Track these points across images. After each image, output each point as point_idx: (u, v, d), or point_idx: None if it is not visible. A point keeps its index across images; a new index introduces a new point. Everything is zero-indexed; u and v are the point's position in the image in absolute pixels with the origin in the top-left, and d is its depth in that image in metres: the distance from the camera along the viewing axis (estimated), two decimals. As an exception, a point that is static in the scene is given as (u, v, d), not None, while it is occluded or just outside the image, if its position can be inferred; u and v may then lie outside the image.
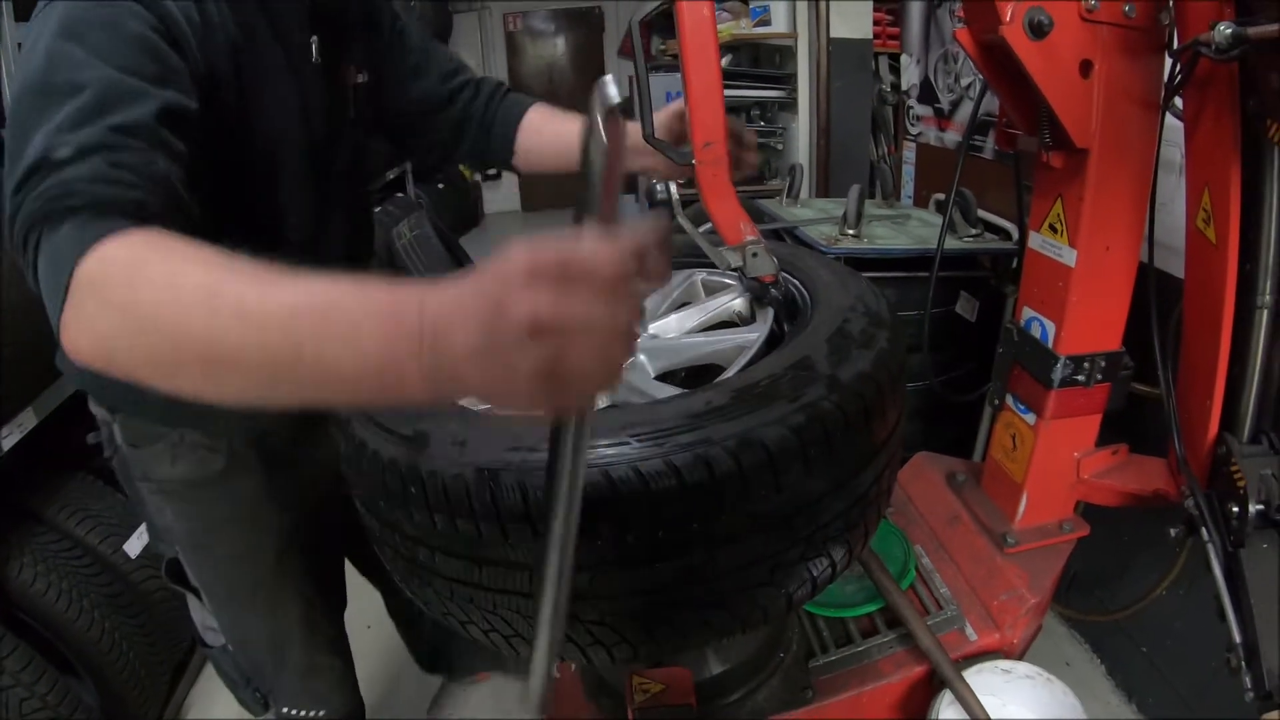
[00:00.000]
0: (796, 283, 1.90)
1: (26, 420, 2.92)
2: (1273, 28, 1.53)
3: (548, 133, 2.26)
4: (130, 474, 2.11)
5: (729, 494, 1.29)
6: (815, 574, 1.49)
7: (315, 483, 2.22)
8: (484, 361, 0.85)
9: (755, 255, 1.81)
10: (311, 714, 2.43)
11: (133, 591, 3.22)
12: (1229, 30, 1.61)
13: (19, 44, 2.94)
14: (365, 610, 2.83)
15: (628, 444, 1.28)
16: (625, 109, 0.90)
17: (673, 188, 1.86)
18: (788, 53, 5.98)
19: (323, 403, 0.98)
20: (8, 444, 2.78)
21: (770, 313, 1.87)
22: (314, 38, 1.83)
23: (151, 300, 1.00)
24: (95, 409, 2.11)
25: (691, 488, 1.26)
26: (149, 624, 3.25)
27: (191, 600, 2.34)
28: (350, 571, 2.55)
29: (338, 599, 2.49)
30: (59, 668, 2.81)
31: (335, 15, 1.88)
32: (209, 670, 3.71)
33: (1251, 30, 1.58)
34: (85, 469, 3.41)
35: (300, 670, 2.36)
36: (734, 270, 1.87)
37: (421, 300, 0.89)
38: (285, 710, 2.42)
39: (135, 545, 3.26)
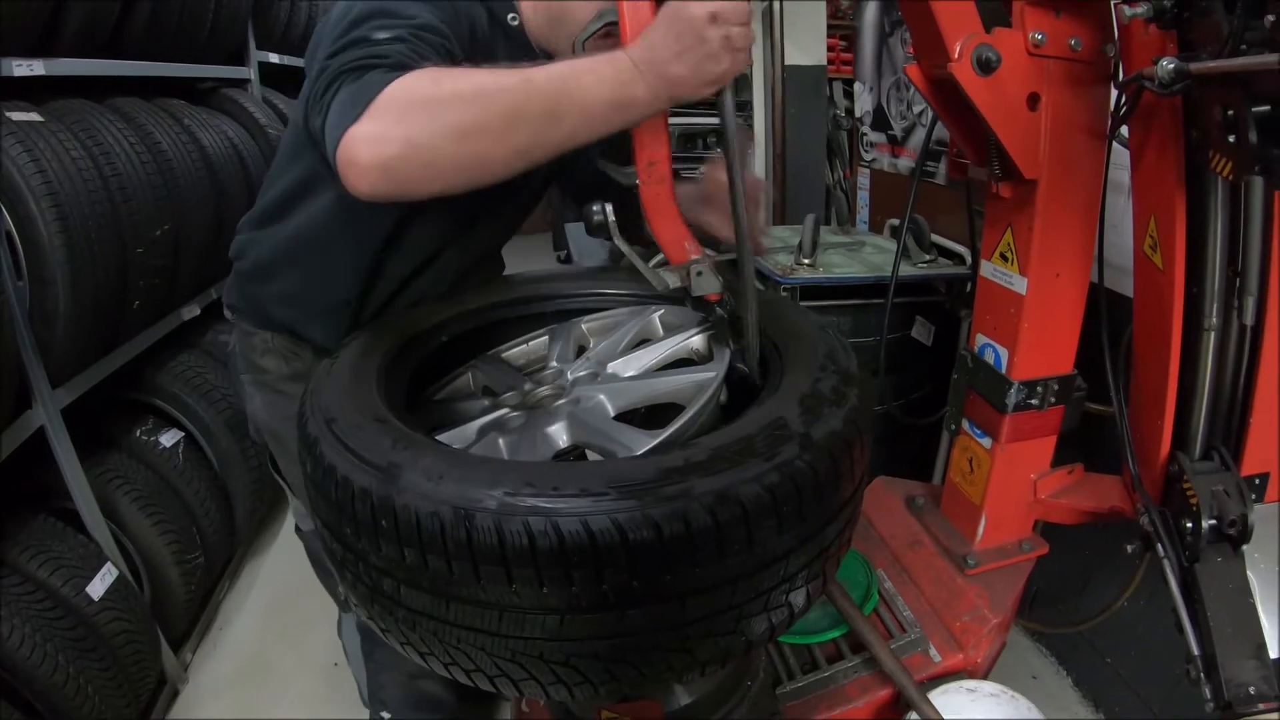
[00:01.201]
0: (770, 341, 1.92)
1: None
2: (1213, 64, 1.57)
3: None
4: (237, 367, 2.45)
5: (704, 549, 1.31)
6: (774, 621, 1.51)
7: None
8: (687, 55, 1.49)
9: (700, 274, 1.82)
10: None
11: (96, 634, 3.14)
12: (1171, 65, 1.64)
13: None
14: (334, 645, 2.85)
15: (608, 495, 1.29)
16: None
17: (609, 209, 1.87)
18: (743, 79, 5.98)
19: (581, 133, 1.55)
20: None
21: (727, 352, 1.89)
22: None
23: (453, 87, 1.50)
24: (227, 312, 2.45)
25: (669, 541, 1.28)
26: (113, 666, 3.17)
27: (287, 491, 2.51)
28: (314, 603, 2.60)
29: None
30: (23, 712, 2.79)
31: None
32: (177, 711, 3.72)
33: (1194, 66, 1.61)
34: (46, 511, 3.33)
35: None
36: (675, 288, 1.87)
37: (625, 51, 1.54)
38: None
39: (98, 587, 3.19)
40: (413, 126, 1.48)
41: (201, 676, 3.89)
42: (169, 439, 4.06)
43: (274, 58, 6.13)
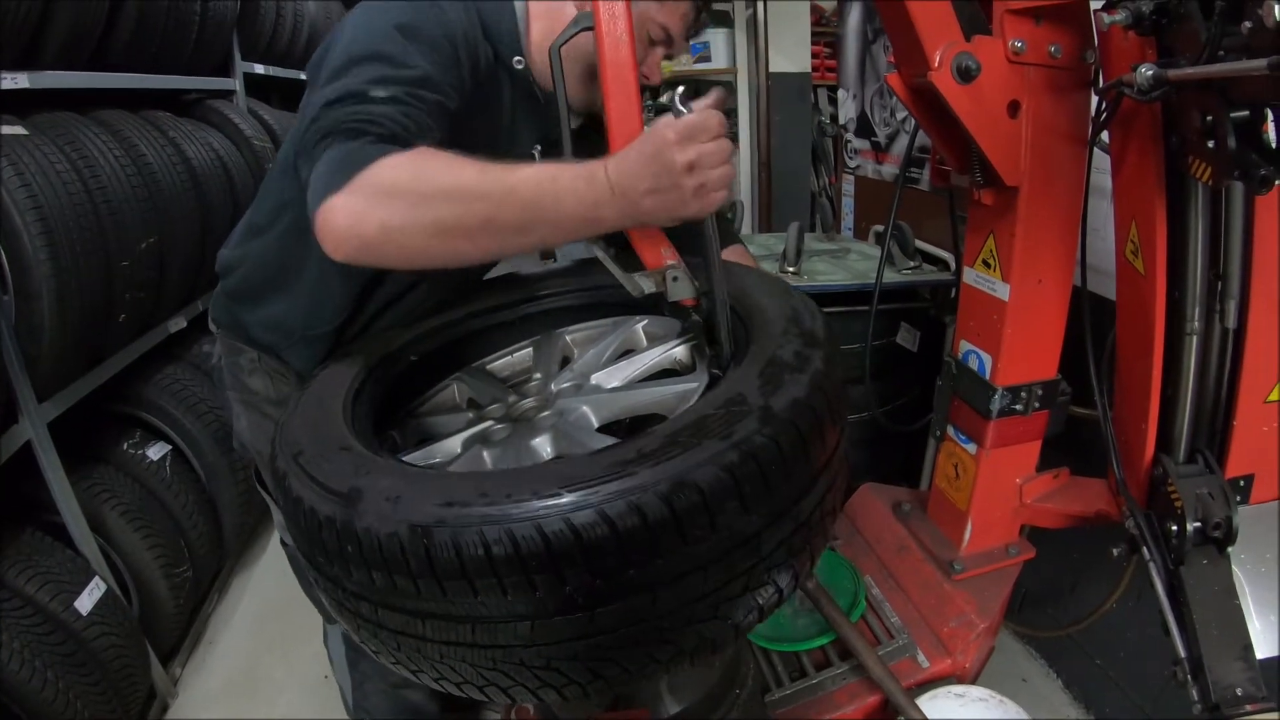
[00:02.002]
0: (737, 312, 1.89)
1: None
2: (1191, 70, 1.58)
3: None
4: (223, 381, 2.45)
5: (664, 538, 1.30)
6: (761, 602, 1.49)
7: None
8: (660, 193, 1.53)
9: (675, 279, 1.81)
10: None
11: (85, 649, 3.12)
12: (1150, 72, 1.65)
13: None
14: (323, 658, 2.85)
15: (560, 496, 1.28)
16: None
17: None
18: (728, 87, 6.01)
19: (550, 240, 1.64)
20: None
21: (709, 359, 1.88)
22: (538, 148, 2.22)
23: (436, 183, 1.54)
24: (211, 325, 2.47)
25: (625, 535, 1.27)
26: (103, 681, 3.15)
27: (272, 506, 2.44)
28: (302, 615, 2.62)
29: None
30: None
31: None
32: (164, 726, 3.72)
33: (1172, 73, 1.62)
34: (33, 525, 3.32)
35: None
36: (650, 293, 1.85)
37: (603, 166, 1.55)
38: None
39: (86, 602, 3.18)
40: (392, 213, 1.52)
41: (191, 690, 3.88)
42: (156, 452, 4.05)
43: (259, 69, 6.14)
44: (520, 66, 2.05)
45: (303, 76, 8.00)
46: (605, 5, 1.64)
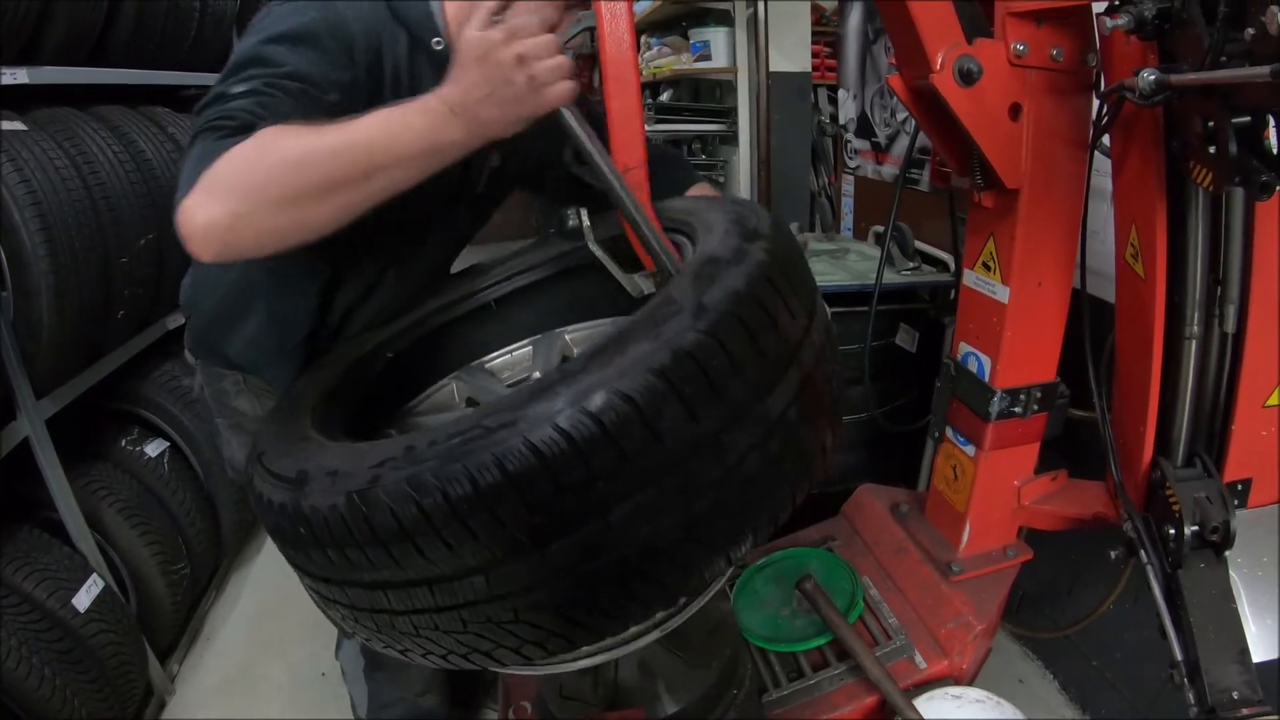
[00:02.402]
0: (684, 239, 1.82)
1: None
2: (1193, 76, 1.58)
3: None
4: (211, 412, 2.45)
5: (600, 457, 1.23)
6: (752, 516, 1.43)
7: None
8: (495, 96, 1.56)
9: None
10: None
11: (83, 647, 3.12)
12: (1152, 77, 1.65)
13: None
14: (320, 656, 2.85)
15: (479, 432, 1.24)
16: None
17: (583, 214, 1.86)
18: (728, 86, 5.98)
19: (401, 181, 1.59)
20: None
21: None
22: None
23: (275, 156, 1.52)
24: (188, 355, 2.47)
25: (555, 461, 1.21)
26: (100, 678, 3.16)
27: None
28: (300, 613, 2.63)
29: None
30: None
31: None
32: (164, 721, 3.73)
33: (1174, 78, 1.62)
34: (31, 522, 3.33)
35: None
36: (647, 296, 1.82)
37: (438, 92, 1.58)
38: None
39: (84, 599, 3.19)
40: (237, 200, 1.51)
41: (188, 687, 3.88)
42: (154, 449, 4.05)
43: (257, 66, 6.13)
44: (440, 47, 2.01)
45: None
46: (607, 5, 1.64)
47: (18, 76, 3.18)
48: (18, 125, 3.15)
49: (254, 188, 1.51)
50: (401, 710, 2.63)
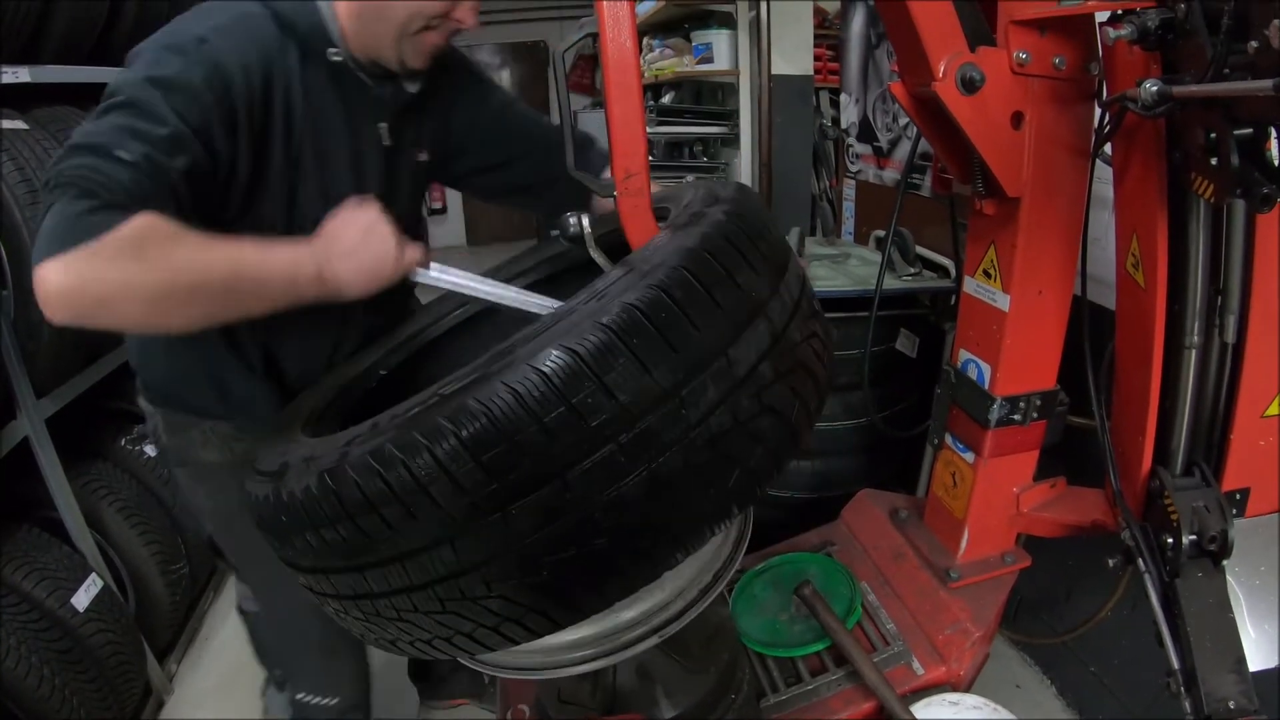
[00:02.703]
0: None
1: None
2: (1196, 88, 1.58)
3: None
4: (169, 461, 2.43)
5: (551, 415, 1.23)
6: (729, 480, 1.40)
7: None
8: (362, 267, 1.76)
9: None
10: (324, 700, 2.53)
11: (81, 646, 3.13)
12: (1155, 88, 1.65)
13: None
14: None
15: (435, 400, 1.27)
16: None
17: (585, 221, 1.86)
18: (730, 89, 6.00)
19: (257, 309, 1.70)
20: None
21: None
22: (383, 125, 2.14)
23: (153, 258, 1.54)
24: (144, 404, 2.39)
25: (507, 421, 1.22)
26: (99, 678, 3.16)
27: (230, 572, 2.45)
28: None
29: None
30: None
31: (413, 105, 2.18)
32: (162, 721, 3.74)
33: (1177, 89, 1.62)
34: (30, 521, 3.33)
35: (322, 650, 2.47)
36: None
37: (308, 245, 1.74)
38: (300, 696, 2.53)
39: (83, 598, 3.20)
40: (104, 287, 1.52)
41: (186, 687, 3.90)
42: (153, 448, 4.03)
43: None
44: (338, 58, 1.99)
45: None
46: (609, 8, 1.62)
47: (19, 75, 3.19)
48: (19, 124, 3.17)
49: (124, 282, 1.53)
50: None
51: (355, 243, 1.79)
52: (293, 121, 1.94)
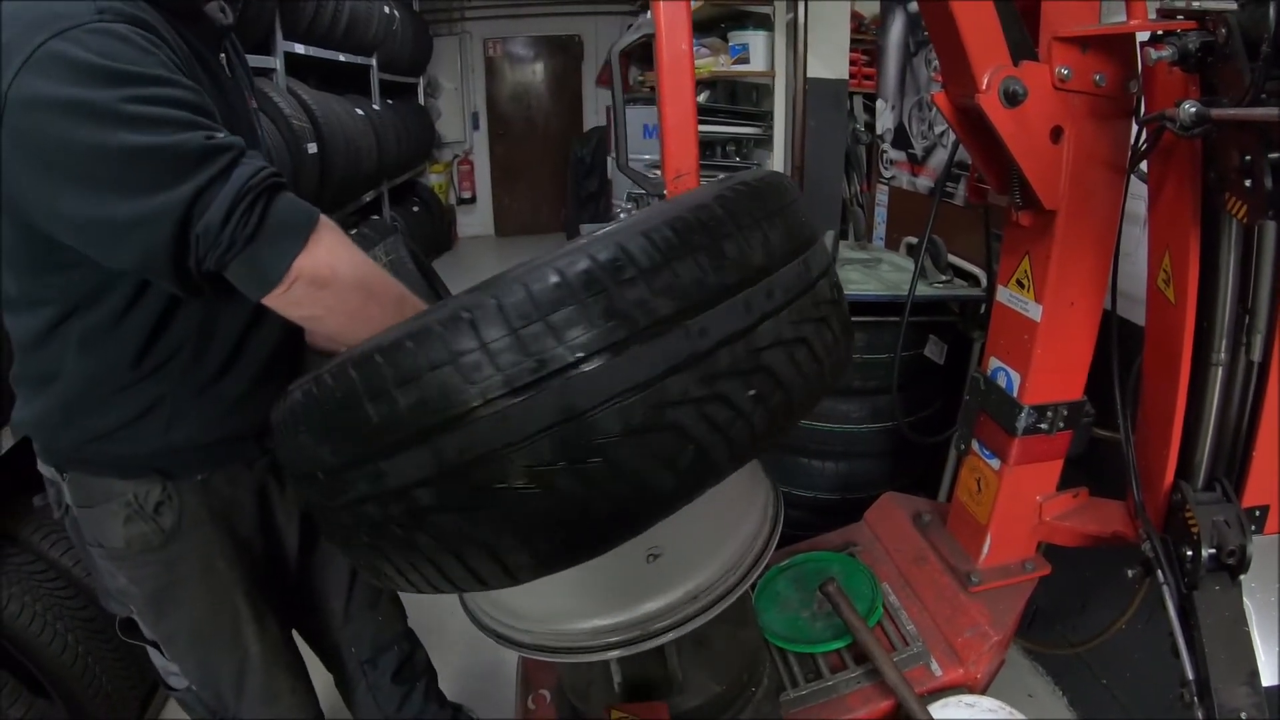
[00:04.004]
0: None
1: (4, 440, 2.88)
2: (1233, 111, 1.61)
3: None
4: (82, 538, 2.10)
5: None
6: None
7: (259, 523, 2.28)
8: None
9: None
10: None
11: (106, 615, 2.99)
12: (1193, 109, 1.67)
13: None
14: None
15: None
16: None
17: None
18: (765, 90, 6.00)
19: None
20: None
21: None
22: (222, 56, 2.06)
23: (351, 276, 1.63)
24: (43, 468, 2.09)
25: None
26: (120, 648, 3.16)
27: (152, 651, 2.34)
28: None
29: (288, 625, 2.48)
30: (30, 690, 2.77)
31: (229, 46, 2.13)
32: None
33: (1215, 112, 1.65)
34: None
35: (261, 697, 2.35)
36: None
37: None
38: None
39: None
40: (326, 305, 1.63)
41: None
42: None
43: (299, 48, 6.17)
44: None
45: (342, 58, 7.96)
46: (667, 11, 1.65)
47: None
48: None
49: (337, 300, 1.63)
50: None
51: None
52: (177, 58, 1.72)
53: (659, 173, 1.74)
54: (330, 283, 1.59)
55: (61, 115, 1.48)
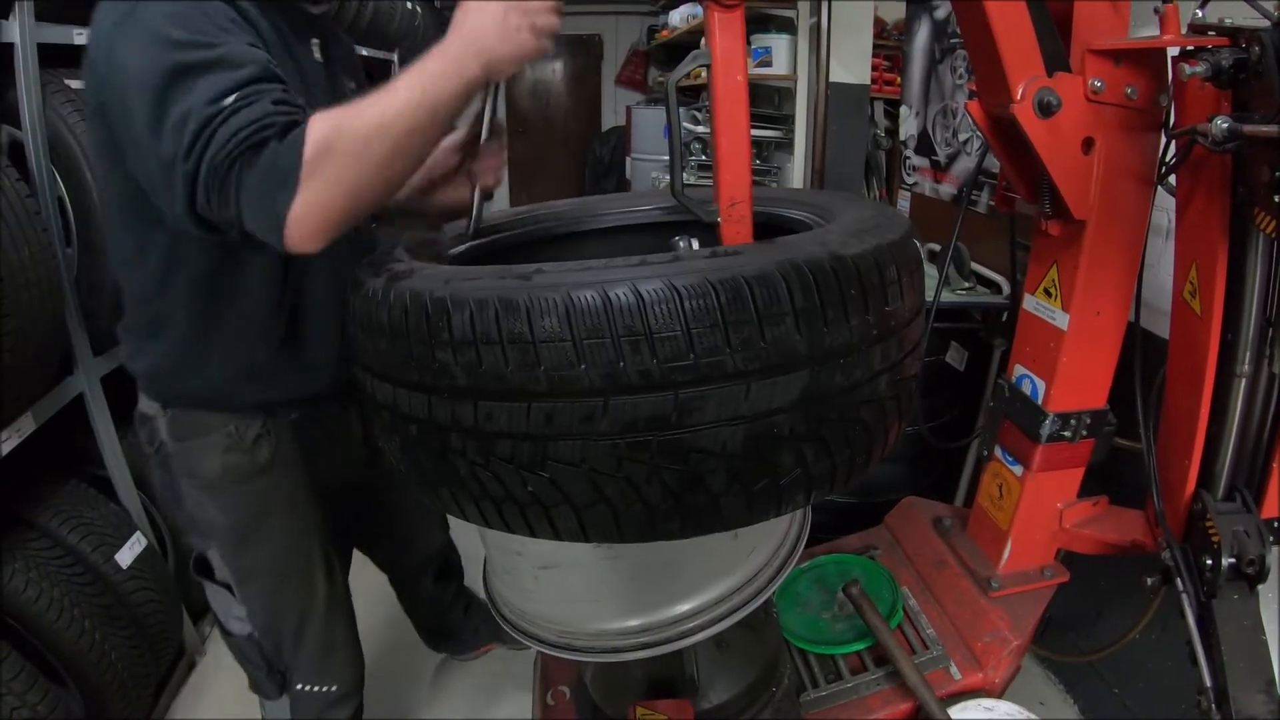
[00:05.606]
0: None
1: (25, 425, 2.90)
2: (1266, 128, 1.63)
3: None
4: (172, 470, 2.24)
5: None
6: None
7: (341, 470, 2.47)
8: (505, 38, 1.68)
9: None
10: (324, 689, 2.55)
11: (122, 603, 3.19)
12: (1226, 125, 1.69)
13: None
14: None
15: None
16: None
17: (694, 244, 1.90)
18: (786, 94, 6.01)
19: (449, 124, 1.75)
20: (6, 448, 2.76)
21: None
22: (314, 41, 2.17)
23: (354, 130, 1.58)
24: (144, 405, 2.24)
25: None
26: (136, 635, 3.22)
27: (216, 593, 2.41)
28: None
29: (346, 580, 2.68)
30: (46, 675, 2.77)
31: (327, 26, 2.26)
32: (192, 683, 3.78)
33: (1247, 128, 1.67)
34: (79, 476, 3.38)
35: (319, 646, 2.49)
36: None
37: (451, 41, 1.68)
38: (300, 687, 2.53)
39: (127, 555, 3.26)
40: (346, 183, 1.59)
41: (218, 649, 3.90)
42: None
43: (322, 43, 6.17)
44: None
45: (365, 53, 7.96)
46: (722, 43, 1.66)
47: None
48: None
49: (356, 162, 1.59)
50: None
51: (494, 22, 1.71)
52: (261, 37, 1.91)
53: (714, 208, 1.74)
54: (334, 211, 1.60)
55: (140, 49, 1.67)
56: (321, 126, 1.57)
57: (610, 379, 1.27)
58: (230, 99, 1.59)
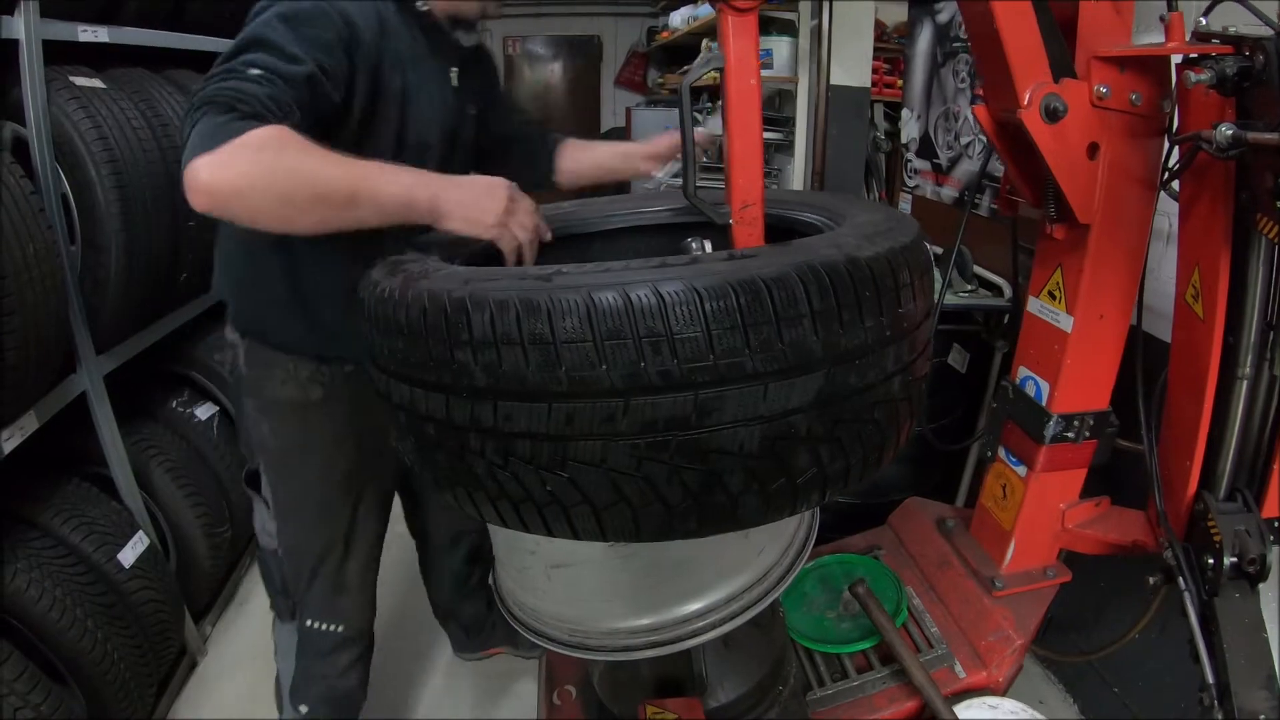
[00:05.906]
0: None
1: (28, 423, 2.89)
2: (1269, 135, 1.65)
3: (580, 156, 3.03)
4: (241, 391, 2.57)
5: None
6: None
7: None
8: (472, 208, 1.87)
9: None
10: (331, 627, 2.67)
11: (124, 602, 3.18)
12: (1230, 131, 1.71)
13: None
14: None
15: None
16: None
17: (707, 246, 1.92)
18: (787, 96, 6.00)
19: (372, 220, 1.82)
20: (8, 447, 2.76)
21: None
22: (454, 69, 2.42)
23: (288, 162, 1.72)
24: (229, 332, 2.55)
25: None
26: (139, 635, 3.21)
27: (258, 506, 2.66)
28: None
29: (378, 533, 2.80)
30: (48, 675, 2.76)
31: (470, 59, 2.49)
32: (194, 683, 3.77)
33: (1251, 135, 1.68)
34: (82, 475, 3.37)
35: (332, 584, 2.63)
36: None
37: (429, 175, 1.88)
38: (309, 623, 2.67)
39: (129, 555, 3.25)
40: (246, 180, 1.71)
41: (220, 649, 3.97)
42: (204, 412, 4.15)
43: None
44: (424, 8, 2.29)
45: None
46: (736, 49, 1.68)
47: (99, 35, 3.28)
48: (96, 83, 3.21)
49: (265, 178, 1.71)
50: (322, 688, 2.75)
51: (474, 189, 1.91)
52: (401, 57, 2.20)
53: (726, 210, 1.75)
54: (223, 188, 1.70)
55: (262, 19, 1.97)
56: (273, 134, 1.73)
57: (631, 379, 1.28)
58: (257, 71, 1.81)
